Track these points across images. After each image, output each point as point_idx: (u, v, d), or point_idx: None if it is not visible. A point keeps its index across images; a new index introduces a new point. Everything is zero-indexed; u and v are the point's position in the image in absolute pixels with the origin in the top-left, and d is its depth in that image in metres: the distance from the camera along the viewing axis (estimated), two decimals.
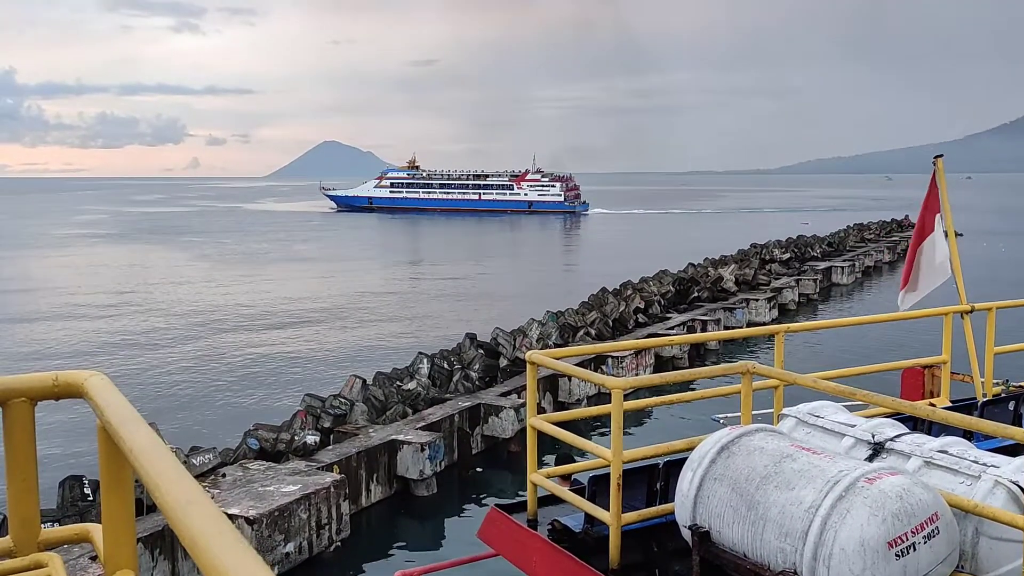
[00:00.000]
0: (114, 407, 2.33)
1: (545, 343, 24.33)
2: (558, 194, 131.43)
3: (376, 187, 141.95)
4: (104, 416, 2.32)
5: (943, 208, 9.10)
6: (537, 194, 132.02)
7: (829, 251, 53.44)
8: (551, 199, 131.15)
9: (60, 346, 32.13)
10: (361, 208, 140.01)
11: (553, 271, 59.78)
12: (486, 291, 47.03)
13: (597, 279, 42.23)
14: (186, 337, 33.38)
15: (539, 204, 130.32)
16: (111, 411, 2.31)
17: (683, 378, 6.49)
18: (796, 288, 39.04)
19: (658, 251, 63.29)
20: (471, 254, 69.86)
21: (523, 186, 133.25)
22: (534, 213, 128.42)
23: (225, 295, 44.81)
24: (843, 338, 25.75)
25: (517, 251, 76.16)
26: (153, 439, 2.08)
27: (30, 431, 2.56)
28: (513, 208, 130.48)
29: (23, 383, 2.56)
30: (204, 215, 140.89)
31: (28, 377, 2.57)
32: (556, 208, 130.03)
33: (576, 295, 33.64)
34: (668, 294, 33.63)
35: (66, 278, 53.15)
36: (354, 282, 50.38)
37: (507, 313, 34.32)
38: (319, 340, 32.70)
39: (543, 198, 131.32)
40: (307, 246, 78.63)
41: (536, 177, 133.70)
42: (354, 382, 19.38)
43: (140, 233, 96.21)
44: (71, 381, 2.57)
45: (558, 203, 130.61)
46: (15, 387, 2.54)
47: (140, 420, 2.23)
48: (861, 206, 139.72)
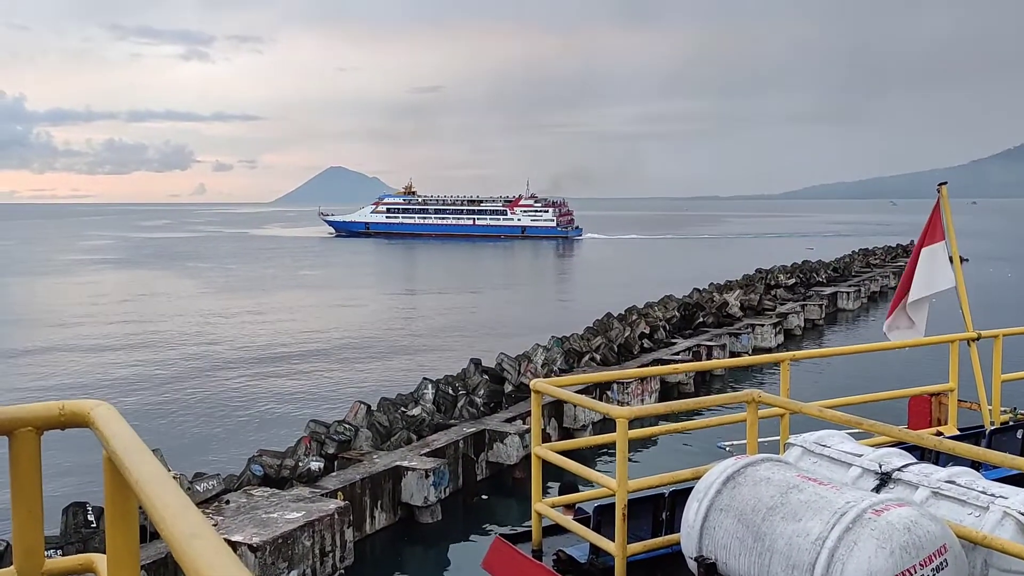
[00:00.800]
0: (120, 437, 2.33)
1: (550, 368, 24.27)
2: (551, 219, 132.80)
3: (373, 212, 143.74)
4: (110, 446, 2.32)
5: (948, 234, 9.11)
6: (530, 219, 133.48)
7: (834, 276, 53.38)
8: (544, 224, 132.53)
9: (64, 373, 32.16)
10: (358, 233, 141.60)
11: (552, 296, 59.81)
12: (489, 316, 47.01)
13: (596, 304, 42.24)
14: (191, 363, 33.38)
15: (532, 229, 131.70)
16: (117, 441, 2.31)
17: (688, 407, 6.47)
18: (802, 313, 38.96)
19: (657, 277, 63.56)
20: (470, 280, 70.03)
21: (516, 211, 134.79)
22: (527, 238, 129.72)
23: (229, 321, 44.86)
24: (849, 364, 25.63)
25: (516, 276, 76.34)
26: (159, 470, 2.08)
27: (36, 461, 2.56)
28: (507, 233, 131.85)
29: (29, 412, 2.56)
30: (210, 241, 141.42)
31: (34, 407, 2.58)
32: (549, 233, 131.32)
33: (576, 320, 33.63)
34: (673, 319, 33.59)
35: (71, 304, 53.30)
36: (356, 308, 50.44)
37: (511, 338, 34.28)
38: (323, 365, 32.67)
39: (536, 223, 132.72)
40: (311, 272, 78.82)
41: (529, 203, 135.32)
42: (358, 408, 19.34)
43: (145, 259, 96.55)
44: (77, 411, 2.57)
45: (551, 228, 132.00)
46: (21, 416, 2.54)
47: (146, 451, 2.23)
48: (866, 231, 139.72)
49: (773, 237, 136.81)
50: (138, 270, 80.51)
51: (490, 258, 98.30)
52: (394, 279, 72.12)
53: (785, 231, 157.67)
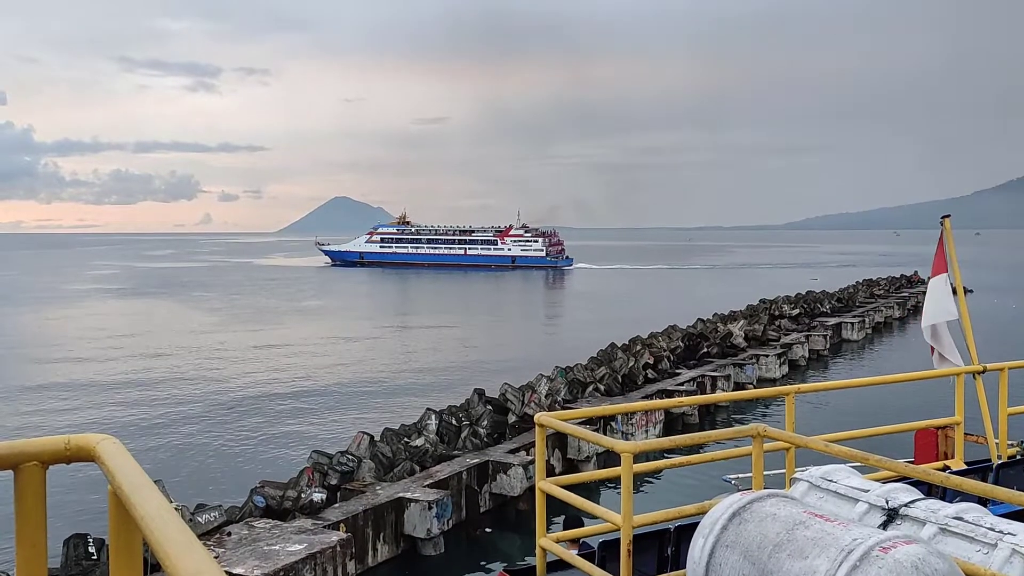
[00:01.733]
0: (125, 472, 2.33)
1: (554, 399, 24.17)
2: (540, 249, 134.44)
3: (367, 242, 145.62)
4: (115, 481, 2.32)
5: (951, 266, 9.12)
6: (520, 249, 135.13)
7: (839, 307, 53.29)
8: (534, 254, 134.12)
9: (67, 404, 32.12)
10: (353, 263, 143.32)
11: (549, 326, 59.81)
12: (490, 346, 46.97)
13: (590, 334, 42.26)
14: (194, 392, 33.34)
15: (522, 259, 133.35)
16: (122, 476, 2.31)
17: (694, 441, 6.44)
18: (806, 344, 38.86)
19: (648, 307, 64.07)
20: (467, 310, 70.31)
21: (507, 241, 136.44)
22: (517, 267, 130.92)
23: (232, 351, 44.86)
24: (854, 396, 25.52)
25: (512, 306, 76.63)
26: (164, 506, 2.08)
27: (41, 495, 2.55)
28: (497, 263, 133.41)
29: (35, 447, 2.56)
30: (214, 271, 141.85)
31: (40, 441, 2.57)
32: (539, 263, 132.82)
33: (573, 350, 33.60)
34: (677, 350, 33.50)
35: (75, 335, 53.37)
36: (357, 338, 50.43)
37: (514, 368, 34.22)
38: (326, 396, 32.60)
39: (526, 253, 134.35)
40: (312, 302, 78.97)
41: (519, 232, 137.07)
42: (361, 438, 19.25)
43: (150, 288, 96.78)
44: (83, 445, 2.57)
45: (541, 258, 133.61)
46: (27, 451, 2.54)
47: (152, 486, 2.23)
48: (869, 262, 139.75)
49: (773, 268, 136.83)
50: (143, 300, 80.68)
51: (482, 288, 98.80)
52: (392, 310, 72.32)
53: (788, 261, 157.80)
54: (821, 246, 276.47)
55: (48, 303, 76.50)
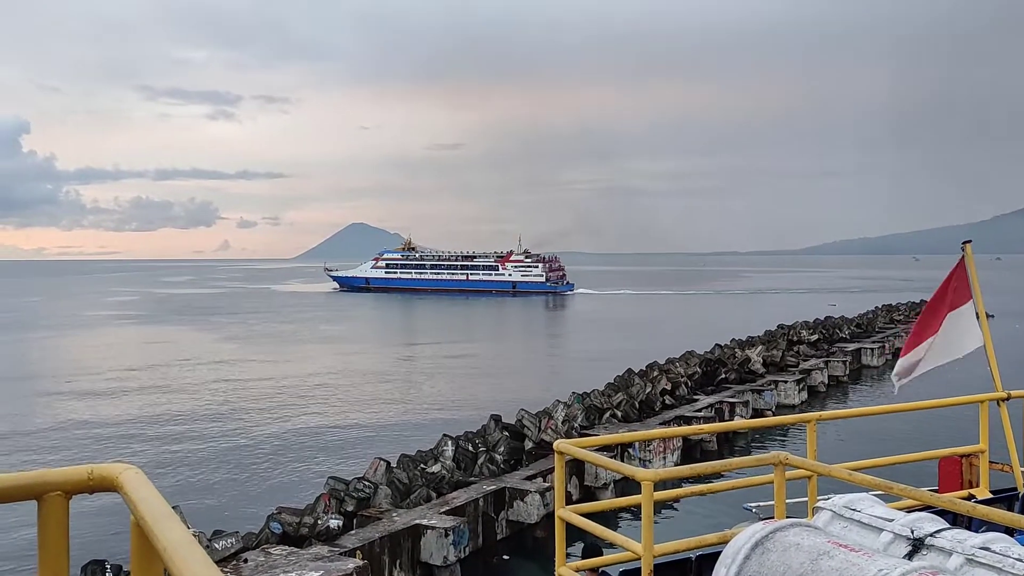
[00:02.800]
0: (148, 502, 2.33)
1: (571, 425, 24.04)
2: (540, 275, 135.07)
3: (373, 268, 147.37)
4: (138, 512, 2.32)
5: (974, 292, 9.02)
6: (520, 275, 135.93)
7: (858, 332, 52.87)
8: (534, 279, 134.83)
9: (88, 429, 32.29)
10: (360, 288, 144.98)
11: (558, 352, 59.53)
12: (503, 371, 46.90)
13: (598, 360, 42.05)
14: (212, 418, 33.43)
15: (523, 284, 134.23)
16: (145, 507, 2.31)
17: (714, 469, 6.37)
18: (825, 370, 38.51)
19: (653, 332, 64.01)
20: (476, 335, 70.55)
21: (507, 267, 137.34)
22: (518, 293, 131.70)
23: (249, 377, 45.02)
24: (875, 423, 25.22)
25: (519, 332, 76.82)
26: (186, 537, 2.08)
27: (64, 525, 2.55)
28: (498, 288, 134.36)
29: (59, 476, 2.56)
30: (232, 296, 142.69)
31: (63, 471, 2.58)
32: (539, 288, 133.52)
33: (576, 375, 33.42)
34: (695, 375, 33.29)
35: (95, 361, 53.75)
36: (372, 364, 50.50)
37: (528, 393, 34.12)
38: (343, 421, 32.58)
39: (526, 278, 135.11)
40: (328, 327, 79.25)
41: (520, 258, 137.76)
42: (378, 464, 19.21)
43: (169, 314, 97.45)
44: (105, 475, 2.58)
45: (540, 283, 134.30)
46: (50, 480, 2.55)
47: (174, 517, 2.23)
48: (889, 287, 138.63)
49: (791, 293, 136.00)
50: (161, 327, 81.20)
51: (484, 313, 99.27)
52: (402, 336, 72.66)
53: (805, 286, 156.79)
54: (839, 271, 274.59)
55: (69, 330, 77.16)
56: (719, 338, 42.83)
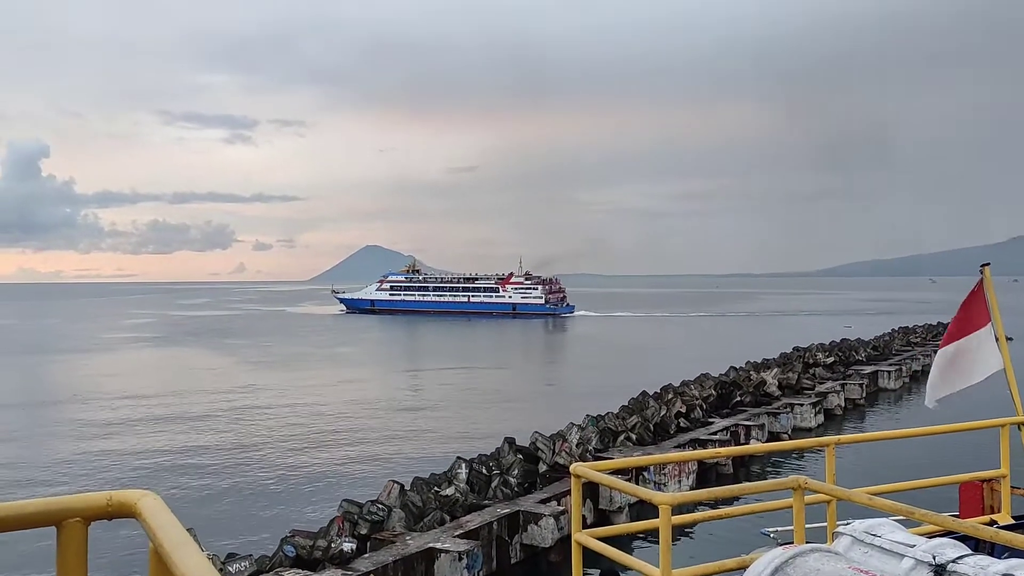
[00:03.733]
0: (166, 529, 2.33)
1: (585, 448, 23.91)
2: (539, 297, 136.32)
3: (377, 290, 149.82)
4: (156, 539, 2.33)
5: (993, 315, 8.94)
6: (520, 297, 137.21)
7: (874, 355, 52.44)
8: (533, 302, 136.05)
9: (103, 450, 32.39)
10: (365, 310, 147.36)
11: (566, 374, 59.34)
12: (513, 393, 46.82)
13: (597, 382, 41.89)
14: (225, 440, 33.48)
15: (522, 306, 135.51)
16: (163, 534, 2.32)
17: (732, 493, 6.31)
18: (842, 393, 38.18)
19: (649, 355, 63.86)
20: (484, 357, 70.61)
21: (508, 289, 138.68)
22: (518, 315, 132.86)
23: (263, 399, 45.11)
24: (894, 447, 24.94)
25: (525, 353, 76.87)
26: (205, 566, 2.08)
27: (83, 552, 2.56)
28: (498, 310, 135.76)
29: (78, 503, 2.57)
30: (246, 318, 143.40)
31: (82, 497, 2.59)
32: (538, 310, 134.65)
33: (580, 398, 33.24)
34: (710, 398, 33.08)
35: (111, 383, 54.07)
36: (382, 386, 50.59)
37: (541, 415, 33.98)
38: (356, 444, 32.54)
39: (526, 301, 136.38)
40: (344, 349, 79.45)
41: (520, 280, 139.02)
42: (392, 487, 19.15)
43: (184, 336, 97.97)
44: (124, 501, 2.59)
45: (540, 305, 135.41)
46: (70, 507, 2.56)
47: (192, 544, 2.23)
48: (905, 309, 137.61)
49: (809, 315, 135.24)
50: (176, 348, 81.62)
51: (486, 335, 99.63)
52: (411, 358, 72.92)
53: (819, 309, 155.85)
54: (854, 293, 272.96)
55: (85, 353, 77.66)
56: (732, 360, 42.58)
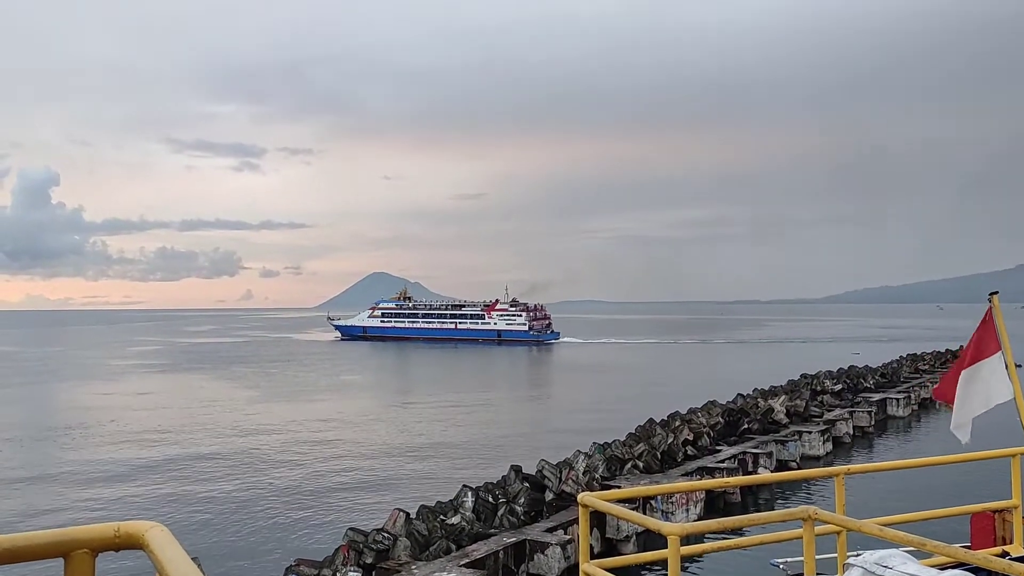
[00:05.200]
0: (174, 563, 2.32)
1: (592, 476, 23.77)
2: (523, 324, 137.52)
3: (369, 316, 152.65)
4: (164, 571, 2.32)
5: (1003, 343, 8.90)
6: (505, 323, 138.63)
7: (883, 382, 52.15)
8: (517, 328, 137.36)
9: (108, 478, 32.33)
10: (357, 336, 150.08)
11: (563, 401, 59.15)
12: (510, 421, 46.64)
13: (593, 410, 41.68)
14: (229, 468, 33.36)
15: (507, 333, 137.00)
16: (171, 567, 2.31)
17: (741, 523, 6.26)
18: (850, 420, 37.93)
19: (623, 383, 63.89)
20: (475, 384, 70.71)
21: (493, 316, 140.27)
22: (503, 342, 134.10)
23: (267, 426, 45.03)
24: (905, 477, 24.73)
25: (516, 380, 76.92)
26: None
27: None
28: (484, 337, 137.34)
29: (85, 534, 2.57)
30: (253, 345, 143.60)
31: (90, 528, 2.59)
32: (522, 337, 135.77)
33: (575, 425, 33.11)
34: (717, 426, 32.92)
35: (117, 410, 54.08)
36: (382, 413, 50.44)
37: (547, 443, 33.81)
38: (360, 472, 32.40)
39: (510, 327, 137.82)
40: (350, 377, 79.42)
41: (504, 307, 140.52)
42: (397, 516, 19.04)
43: (191, 363, 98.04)
44: (132, 532, 2.58)
45: (524, 332, 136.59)
46: (77, 538, 2.55)
47: (199, 575, 2.22)
48: (913, 336, 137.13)
49: (818, 343, 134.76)
50: (181, 375, 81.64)
51: (472, 362, 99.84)
52: (407, 385, 73.12)
53: (826, 335, 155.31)
54: (861, 320, 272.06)
55: (93, 379, 77.75)
56: (736, 387, 42.41)
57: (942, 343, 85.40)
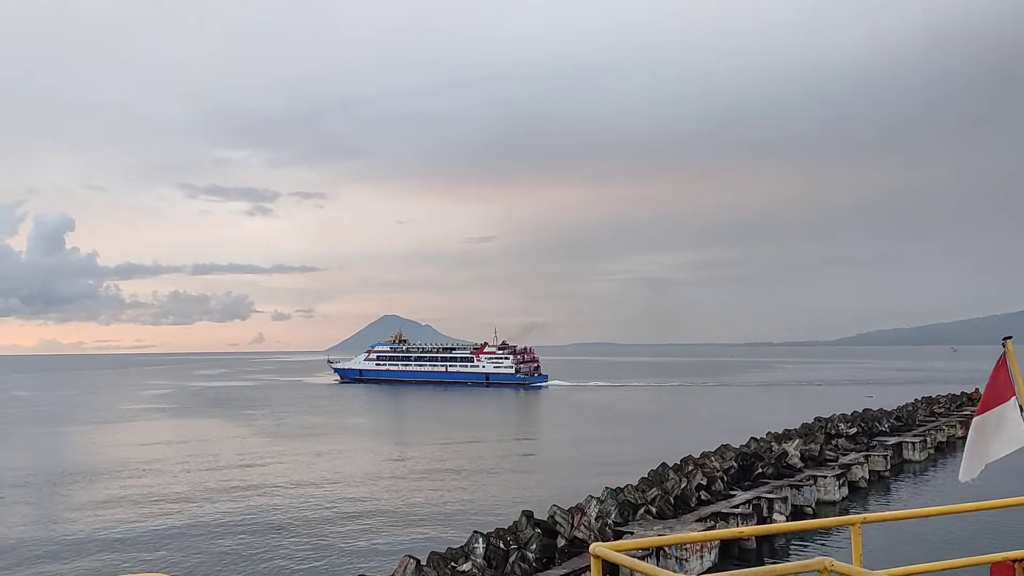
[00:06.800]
0: None
1: (604, 522, 23.50)
2: (510, 367, 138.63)
3: (366, 360, 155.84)
4: None
5: (1017, 388, 8.81)
6: (493, 366, 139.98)
7: (898, 425, 51.57)
8: (504, 371, 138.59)
9: (120, 527, 32.17)
10: (354, 379, 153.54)
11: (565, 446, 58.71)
12: (525, 463, 46.26)
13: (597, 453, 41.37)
14: (239, 514, 33.19)
15: (495, 375, 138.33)
16: None
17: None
18: (866, 464, 37.45)
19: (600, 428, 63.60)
20: (466, 427, 70.47)
21: (481, 358, 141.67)
22: (492, 384, 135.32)
23: (276, 472, 44.88)
24: (923, 524, 24.35)
25: (507, 423, 76.53)
26: None
27: None
28: (473, 379, 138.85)
29: None
30: (264, 388, 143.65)
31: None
32: (509, 379, 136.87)
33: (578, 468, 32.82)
34: (731, 470, 32.56)
35: (126, 456, 54.12)
36: (387, 457, 50.25)
37: (557, 486, 33.48)
38: (371, 516, 32.16)
39: (498, 370, 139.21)
40: (360, 420, 79.25)
41: (492, 350, 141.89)
42: (408, 563, 18.84)
43: (201, 407, 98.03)
44: None
45: (511, 375, 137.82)
46: None
47: None
48: (927, 379, 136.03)
49: (831, 385, 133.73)
50: (192, 419, 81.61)
51: (460, 404, 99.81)
52: (410, 428, 73.76)
53: (840, 378, 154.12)
54: (875, 362, 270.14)
55: (103, 424, 77.80)
56: (741, 431, 42.01)
57: (957, 386, 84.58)
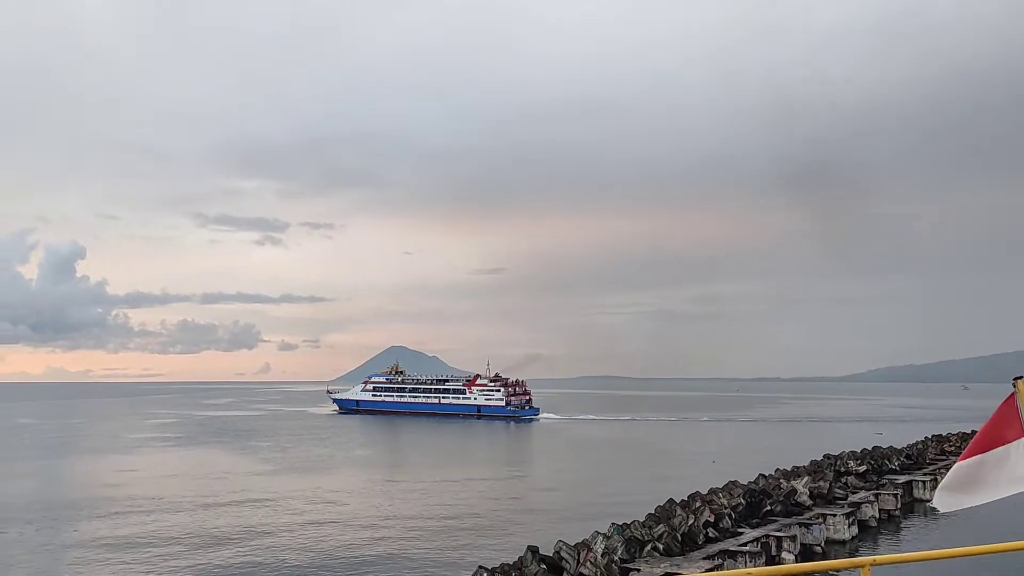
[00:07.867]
0: None
1: (610, 558, 23.18)
2: (501, 399, 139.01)
3: (362, 391, 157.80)
4: None
5: None
6: (484, 399, 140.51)
7: (908, 464, 50.98)
8: (495, 403, 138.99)
9: (121, 557, 31.95)
10: (351, 410, 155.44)
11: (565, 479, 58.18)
12: (526, 499, 45.82)
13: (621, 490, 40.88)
14: (241, 547, 32.95)
15: (486, 408, 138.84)
16: None
17: None
18: (876, 503, 36.98)
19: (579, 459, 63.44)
20: (460, 460, 70.15)
21: (473, 390, 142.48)
22: (483, 417, 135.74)
23: (278, 505, 44.60)
24: (935, 567, 23.92)
25: (497, 456, 76.13)
26: None
27: None
28: (464, 412, 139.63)
29: None
30: (268, 418, 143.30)
31: None
32: (500, 412, 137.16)
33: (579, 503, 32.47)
34: (739, 507, 32.17)
35: (131, 487, 53.87)
36: (399, 491, 49.89)
37: (562, 521, 33.05)
38: (373, 550, 31.85)
39: (489, 402, 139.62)
40: (362, 452, 78.86)
41: (484, 382, 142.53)
42: None
43: (206, 437, 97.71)
44: None
45: (501, 408, 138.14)
46: None
47: None
48: (938, 416, 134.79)
49: (840, 422, 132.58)
50: (197, 449, 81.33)
51: (453, 437, 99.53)
52: (411, 461, 73.27)
53: (850, 415, 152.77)
54: (884, 399, 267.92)
55: (110, 452, 77.63)
56: (749, 468, 41.55)
57: (968, 423, 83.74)
